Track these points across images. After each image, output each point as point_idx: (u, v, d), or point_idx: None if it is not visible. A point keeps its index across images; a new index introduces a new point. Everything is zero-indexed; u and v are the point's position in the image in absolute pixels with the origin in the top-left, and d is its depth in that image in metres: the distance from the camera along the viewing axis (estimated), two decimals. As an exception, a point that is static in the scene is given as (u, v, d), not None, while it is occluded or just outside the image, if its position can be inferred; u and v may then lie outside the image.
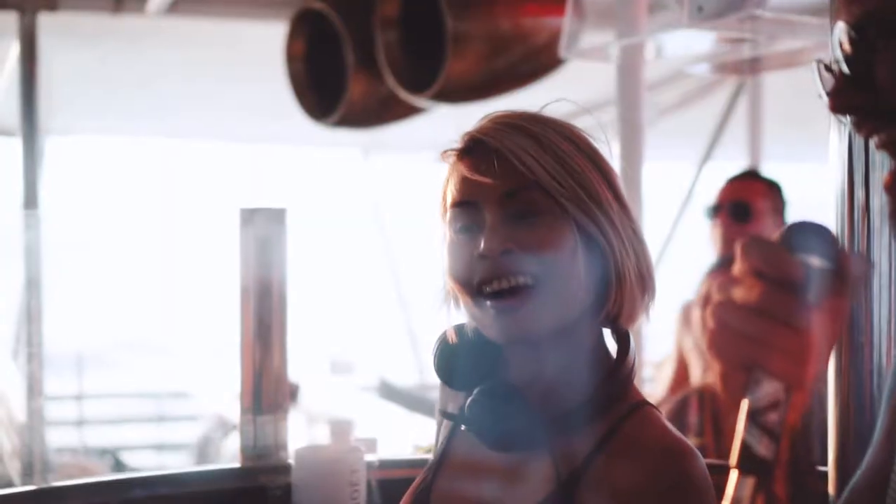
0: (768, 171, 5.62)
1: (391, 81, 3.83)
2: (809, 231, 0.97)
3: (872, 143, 1.02)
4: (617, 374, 1.48)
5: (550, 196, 1.44)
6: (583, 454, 1.42)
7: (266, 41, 4.66)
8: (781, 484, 1.02)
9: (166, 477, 2.04)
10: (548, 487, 1.44)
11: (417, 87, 3.78)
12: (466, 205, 1.48)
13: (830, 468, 1.58)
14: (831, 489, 1.57)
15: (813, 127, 1.62)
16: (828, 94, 1.03)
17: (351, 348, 8.98)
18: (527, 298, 1.43)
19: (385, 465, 2.01)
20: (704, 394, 3.69)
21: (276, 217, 2.09)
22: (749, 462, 0.93)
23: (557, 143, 1.47)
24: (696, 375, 3.87)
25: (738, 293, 0.94)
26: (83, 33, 5.07)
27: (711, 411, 3.65)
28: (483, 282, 1.45)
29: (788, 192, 3.93)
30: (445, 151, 1.53)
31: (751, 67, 3.37)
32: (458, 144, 1.51)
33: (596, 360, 1.49)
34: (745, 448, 0.94)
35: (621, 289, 1.47)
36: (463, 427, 1.50)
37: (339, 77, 4.11)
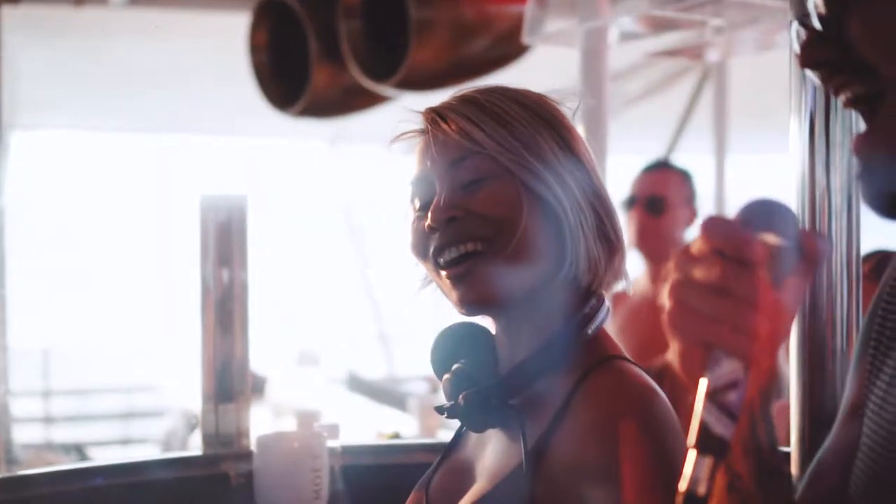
0: (735, 162, 5.65)
1: (354, 70, 3.82)
2: (770, 209, 0.96)
3: (840, 100, 1.02)
4: (582, 332, 1.47)
5: (495, 159, 1.44)
6: (549, 416, 1.42)
7: (230, 31, 4.64)
8: (742, 462, 1.02)
9: (129, 465, 2.03)
10: (518, 457, 1.43)
11: (381, 76, 3.77)
12: (421, 180, 1.50)
13: (793, 449, 1.59)
14: (794, 470, 1.57)
15: (778, 116, 1.61)
16: (799, 48, 1.03)
17: (319, 340, 8.96)
18: (479, 262, 1.44)
19: (348, 451, 2.00)
20: (664, 372, 3.69)
21: (237, 203, 2.08)
22: (707, 442, 0.93)
23: (503, 106, 1.48)
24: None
25: (698, 271, 0.93)
26: (46, 26, 5.04)
27: (670, 391, 3.65)
28: (436, 252, 1.46)
29: (754, 181, 3.94)
30: (402, 134, 1.54)
31: (715, 53, 3.37)
32: (420, 122, 1.52)
33: (567, 327, 1.48)
34: (704, 428, 0.93)
35: (577, 247, 1.46)
36: (443, 414, 1.51)
37: (302, 67, 4.09)
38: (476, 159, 1.45)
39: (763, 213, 0.96)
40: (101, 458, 6.95)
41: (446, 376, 1.51)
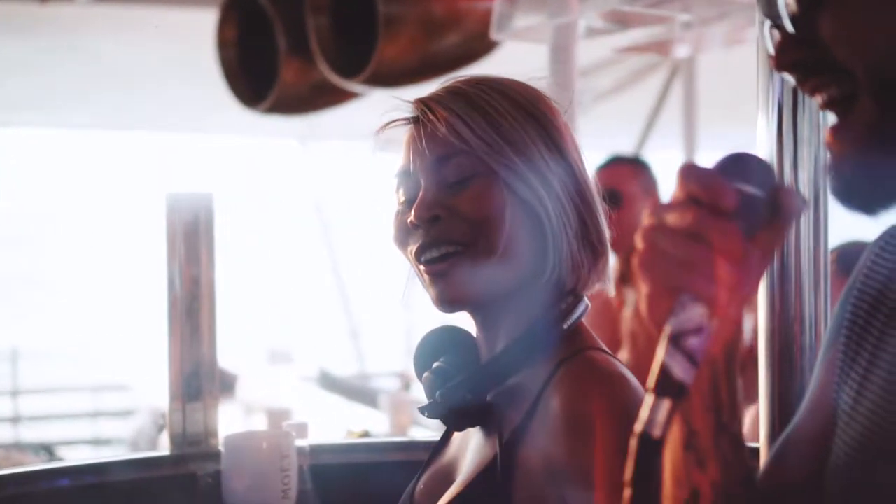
0: (705, 157, 5.66)
1: (323, 67, 3.81)
2: (747, 161, 0.97)
3: (816, 102, 1.02)
4: (558, 326, 1.47)
5: (481, 159, 1.44)
6: (524, 409, 1.42)
7: (198, 27, 4.62)
8: (701, 419, 1.02)
9: (95, 466, 2.02)
10: (495, 450, 1.43)
11: (350, 73, 3.76)
12: (406, 173, 1.49)
13: (762, 444, 1.59)
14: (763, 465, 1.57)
15: (748, 111, 1.62)
16: (773, 50, 1.03)
17: (290, 338, 8.95)
18: (459, 263, 1.43)
19: (317, 450, 1.99)
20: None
21: (204, 202, 2.06)
22: (666, 385, 0.93)
23: (492, 102, 1.46)
24: None
25: (671, 217, 0.94)
26: (12, 23, 5.00)
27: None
28: (418, 250, 1.46)
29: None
30: (390, 122, 1.53)
31: (683, 49, 3.38)
32: (410, 111, 1.52)
33: (543, 321, 1.47)
34: (664, 371, 0.93)
35: (559, 253, 1.45)
36: (424, 414, 1.51)
37: (271, 63, 4.08)
38: (462, 158, 1.45)
39: (740, 164, 0.96)
40: (70, 457, 6.92)
41: (426, 374, 1.51)
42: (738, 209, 0.94)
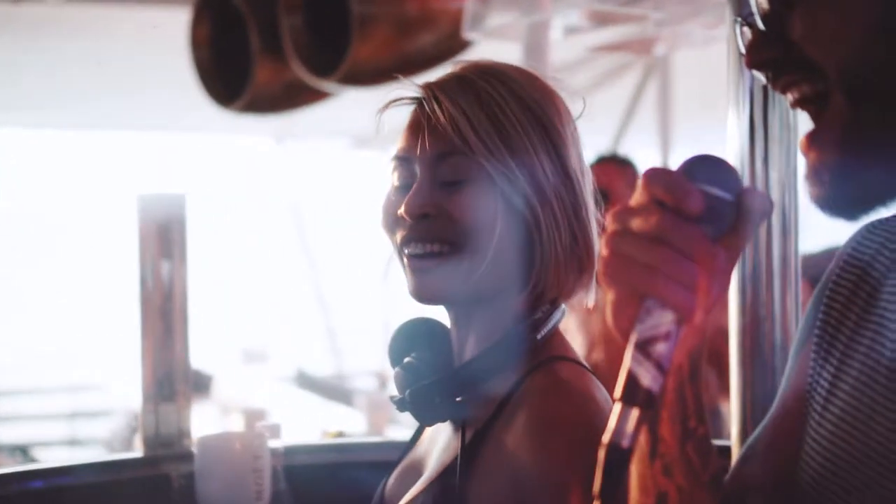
0: (680, 155, 5.67)
1: (297, 66, 3.80)
2: (712, 164, 0.95)
3: (787, 101, 1.02)
4: (530, 336, 1.46)
5: (480, 163, 1.42)
6: (488, 414, 1.42)
7: (172, 27, 4.60)
8: (667, 426, 1.01)
9: (68, 468, 2.01)
10: (457, 452, 1.44)
11: (324, 72, 3.75)
12: (404, 160, 1.47)
13: (734, 443, 1.59)
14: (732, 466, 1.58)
15: (722, 110, 1.62)
16: (745, 49, 1.03)
17: (266, 338, 8.93)
18: (441, 263, 1.43)
19: (290, 450, 1.99)
20: None
21: (175, 203, 2.06)
22: (634, 393, 0.91)
23: (500, 101, 1.43)
24: None
25: (635, 222, 0.93)
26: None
27: None
28: (403, 241, 1.45)
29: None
30: (399, 98, 1.50)
31: (657, 46, 3.39)
32: (417, 93, 1.49)
33: (517, 330, 1.46)
34: (631, 379, 0.91)
35: (546, 265, 1.44)
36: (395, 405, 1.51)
37: (244, 63, 4.06)
38: (461, 159, 1.42)
39: (705, 167, 0.95)
40: (46, 458, 6.89)
41: (396, 369, 1.51)
42: (704, 212, 0.92)
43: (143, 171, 9.22)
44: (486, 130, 1.42)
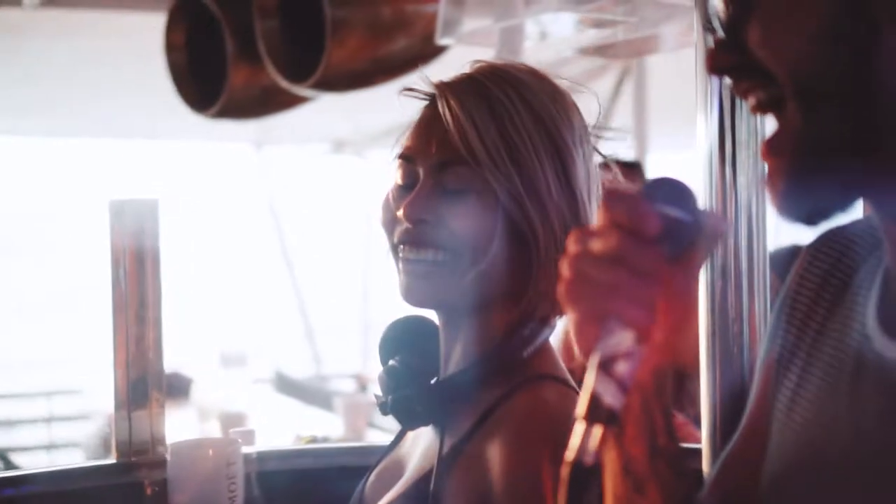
0: (653, 158, 5.68)
1: (272, 71, 3.79)
2: (670, 186, 0.97)
3: (749, 105, 1.03)
4: (510, 348, 1.45)
5: (483, 174, 1.41)
6: (468, 427, 1.42)
7: (149, 31, 4.59)
8: (636, 444, 1.02)
9: (41, 475, 2.00)
10: (433, 461, 1.44)
11: (300, 77, 3.74)
12: (409, 158, 1.47)
13: (704, 445, 1.60)
14: (705, 467, 1.58)
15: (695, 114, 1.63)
16: (706, 54, 1.04)
17: (246, 341, 8.92)
18: (434, 271, 1.42)
19: (264, 456, 1.99)
20: None
21: (148, 208, 2.05)
22: (597, 412, 0.93)
23: (513, 113, 1.42)
24: None
25: (596, 243, 0.94)
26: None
27: None
28: (399, 241, 1.45)
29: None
30: (412, 90, 1.49)
31: (631, 51, 3.39)
32: (429, 89, 1.48)
33: (504, 346, 1.46)
34: (594, 398, 0.93)
35: (541, 283, 1.43)
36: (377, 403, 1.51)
37: (220, 67, 4.05)
38: (464, 168, 1.41)
39: (663, 189, 0.97)
40: (25, 463, 6.87)
41: (380, 372, 1.50)
42: (662, 233, 0.94)
43: (120, 178, 9.20)
44: (494, 142, 1.40)
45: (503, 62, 1.51)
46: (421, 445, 1.53)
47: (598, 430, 0.93)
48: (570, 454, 0.93)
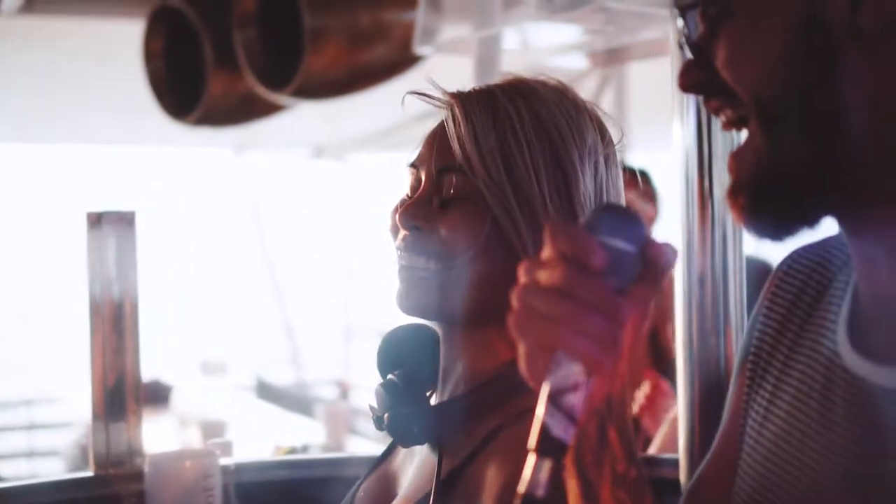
0: (635, 163, 5.68)
1: (250, 79, 3.79)
2: (615, 215, 0.96)
3: (719, 130, 1.04)
4: (511, 371, 1.37)
5: (476, 185, 1.39)
6: (466, 452, 1.39)
7: (128, 39, 4.58)
8: (594, 469, 1.02)
9: (18, 488, 1.99)
10: (431, 485, 1.41)
11: (278, 84, 3.74)
12: (416, 167, 1.46)
13: (681, 457, 1.60)
14: (682, 477, 1.59)
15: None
16: (678, 71, 1.05)
17: (227, 348, 8.90)
18: (424, 278, 1.41)
19: (241, 468, 1.98)
20: None
21: (125, 219, 2.04)
22: (546, 443, 0.93)
23: (518, 127, 1.39)
24: None
25: (542, 275, 0.94)
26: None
27: None
28: (397, 247, 1.44)
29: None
30: (425, 95, 1.46)
31: (610, 59, 3.40)
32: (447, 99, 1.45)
33: (506, 375, 1.42)
34: (544, 430, 0.93)
35: None
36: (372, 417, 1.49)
37: (198, 75, 4.05)
38: (462, 177, 1.39)
39: (609, 219, 0.96)
40: (5, 471, 6.84)
41: (377, 387, 1.48)
42: (609, 265, 0.93)
43: (99, 184, 9.18)
44: (491, 151, 1.38)
45: (531, 75, 1.48)
46: (415, 463, 1.50)
47: (548, 463, 0.93)
48: (521, 487, 0.93)
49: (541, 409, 0.94)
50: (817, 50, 0.94)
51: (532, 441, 0.93)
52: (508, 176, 1.38)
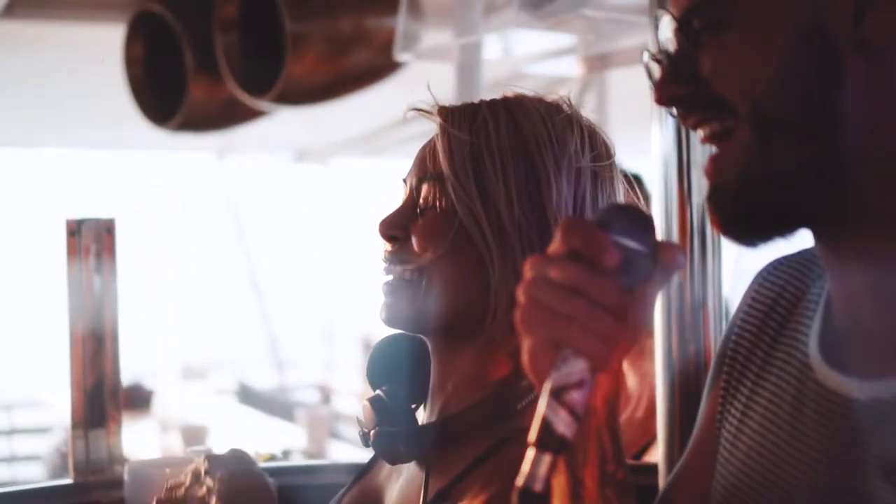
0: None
1: (231, 84, 3.78)
2: (628, 215, 0.97)
3: (699, 136, 1.04)
4: (501, 394, 1.40)
5: (447, 192, 1.38)
6: (455, 472, 1.38)
7: (108, 44, 4.57)
8: (585, 469, 1.03)
9: (-4, 496, 1.99)
10: (419, 499, 1.40)
11: (259, 90, 3.74)
12: (406, 179, 1.46)
13: (660, 465, 1.61)
14: (661, 482, 1.59)
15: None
16: (654, 85, 1.04)
17: (209, 352, 8.88)
18: (399, 287, 1.40)
19: (221, 475, 1.97)
20: None
21: (105, 226, 2.04)
22: (548, 439, 0.93)
23: (493, 135, 1.37)
24: None
25: (553, 271, 0.94)
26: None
27: None
28: (382, 261, 1.44)
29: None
30: (417, 109, 1.45)
31: (591, 65, 3.40)
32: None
33: (497, 396, 1.41)
34: (546, 425, 0.93)
35: (495, 310, 1.36)
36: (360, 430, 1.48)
37: (179, 81, 4.04)
38: (435, 186, 1.39)
39: (621, 218, 0.96)
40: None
41: (365, 402, 1.46)
42: (620, 264, 0.93)
43: (79, 188, 9.15)
44: (462, 158, 1.37)
45: (531, 93, 1.46)
46: (401, 480, 1.49)
47: (547, 458, 0.93)
48: (519, 480, 0.93)
49: (542, 404, 0.94)
50: (819, 60, 0.94)
51: (532, 435, 0.94)
52: (477, 180, 1.37)
